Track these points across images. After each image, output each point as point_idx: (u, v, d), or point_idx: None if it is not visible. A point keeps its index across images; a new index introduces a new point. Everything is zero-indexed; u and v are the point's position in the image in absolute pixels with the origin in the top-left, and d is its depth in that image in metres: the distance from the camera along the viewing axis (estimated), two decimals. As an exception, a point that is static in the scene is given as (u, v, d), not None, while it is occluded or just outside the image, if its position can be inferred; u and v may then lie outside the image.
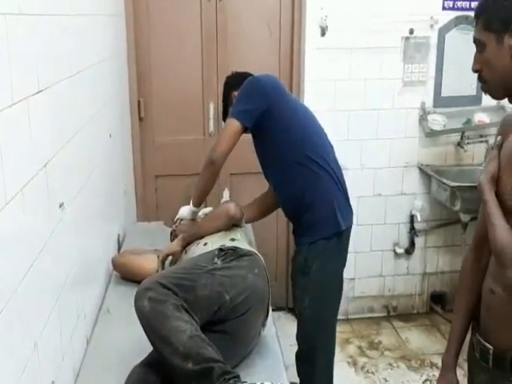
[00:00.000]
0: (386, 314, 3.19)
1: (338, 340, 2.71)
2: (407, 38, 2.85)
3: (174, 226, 2.11)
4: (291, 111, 1.96)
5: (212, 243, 1.77)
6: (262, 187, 2.24)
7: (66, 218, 1.42)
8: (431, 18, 2.83)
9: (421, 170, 3.01)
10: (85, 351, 1.60)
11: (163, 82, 2.87)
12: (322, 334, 2.03)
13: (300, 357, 2.09)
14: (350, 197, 2.05)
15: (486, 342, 1.19)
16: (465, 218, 2.84)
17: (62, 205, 1.39)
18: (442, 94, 2.93)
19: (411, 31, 2.84)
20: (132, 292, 1.46)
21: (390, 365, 2.74)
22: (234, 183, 2.97)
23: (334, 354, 2.12)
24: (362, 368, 2.72)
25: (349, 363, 2.75)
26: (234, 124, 1.88)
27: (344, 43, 2.80)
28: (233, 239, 1.78)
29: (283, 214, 2.12)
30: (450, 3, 2.85)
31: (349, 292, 3.06)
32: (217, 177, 1.98)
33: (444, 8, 2.85)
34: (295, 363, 2.10)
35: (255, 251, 1.70)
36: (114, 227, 2.30)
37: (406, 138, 2.97)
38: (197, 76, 2.89)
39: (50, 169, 1.28)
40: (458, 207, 2.76)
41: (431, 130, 2.91)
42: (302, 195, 1.93)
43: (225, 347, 1.40)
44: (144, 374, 1.35)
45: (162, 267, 1.88)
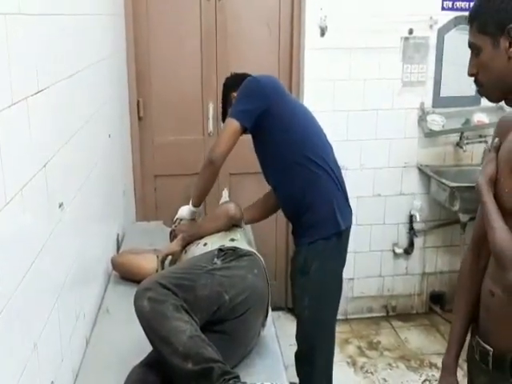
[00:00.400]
0: (385, 314, 3.19)
1: (337, 340, 2.71)
2: (406, 39, 2.85)
3: (173, 226, 2.11)
4: (290, 111, 1.96)
5: (212, 243, 1.77)
6: (261, 187, 2.24)
7: (65, 218, 1.42)
8: (430, 18, 2.84)
9: (420, 170, 3.01)
10: (84, 351, 1.60)
11: (162, 82, 2.87)
12: (321, 334, 2.03)
13: (299, 357, 2.09)
14: (350, 197, 2.05)
15: (485, 343, 1.18)
16: (464, 218, 2.85)
17: (61, 205, 1.39)
18: (441, 95, 2.93)
19: (410, 31, 2.84)
20: (131, 292, 1.46)
21: (390, 365, 2.74)
22: (234, 183, 2.97)
23: (333, 354, 2.13)
24: (362, 368, 2.72)
25: (348, 363, 2.75)
26: (233, 124, 1.88)
27: (343, 43, 2.80)
28: (232, 239, 1.78)
29: (282, 214, 2.12)
30: (450, 3, 2.86)
31: (348, 292, 3.06)
32: (216, 177, 1.99)
33: (443, 8, 2.85)
34: (294, 363, 2.10)
35: (255, 251, 1.70)
36: (113, 227, 2.30)
37: (406, 139, 2.98)
38: (196, 76, 2.89)
39: (49, 169, 1.28)
40: (457, 207, 2.76)
41: (430, 130, 2.91)
42: (301, 195, 1.93)
43: (224, 347, 1.40)
44: (144, 374, 1.35)
45: (162, 267, 1.88)
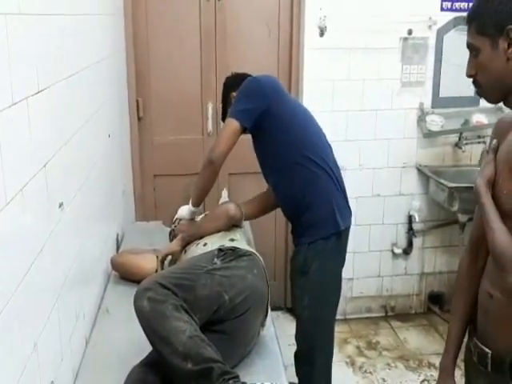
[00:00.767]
0: (383, 314, 3.19)
1: (336, 340, 2.70)
2: (406, 39, 2.85)
3: (173, 226, 2.11)
4: (290, 112, 1.96)
5: (211, 243, 1.77)
6: (260, 187, 2.24)
7: (65, 218, 1.42)
8: (430, 18, 2.84)
9: (419, 170, 3.02)
10: (84, 351, 1.60)
11: (162, 82, 2.87)
12: (320, 334, 2.03)
13: (299, 357, 2.09)
14: (349, 197, 2.05)
15: (483, 345, 1.18)
16: (463, 218, 2.85)
17: (61, 205, 1.39)
18: (440, 95, 2.93)
19: (410, 32, 2.84)
20: (131, 292, 1.46)
21: (388, 365, 2.74)
22: (233, 183, 2.97)
23: (332, 354, 2.13)
24: (360, 368, 2.72)
25: (347, 363, 2.75)
26: (233, 124, 1.88)
27: (343, 43, 2.80)
28: (232, 239, 1.79)
29: (282, 213, 2.13)
30: (449, 4, 2.86)
31: (347, 292, 3.06)
32: (216, 177, 1.98)
33: (442, 9, 2.86)
34: (294, 363, 2.10)
35: (254, 251, 1.70)
36: (112, 227, 2.30)
37: (405, 139, 2.98)
38: (195, 76, 2.89)
39: (49, 169, 1.28)
40: (455, 208, 2.77)
41: (429, 130, 2.91)
42: (301, 195, 1.93)
43: (224, 347, 1.40)
44: (143, 374, 1.35)
45: (162, 267, 1.89)
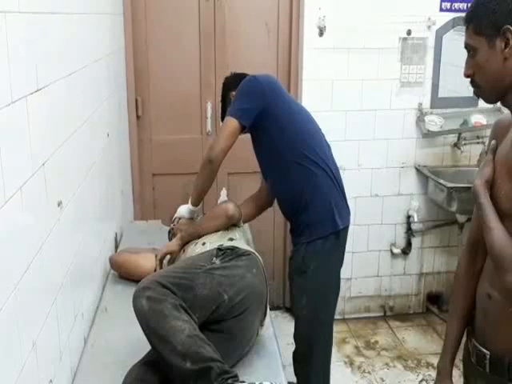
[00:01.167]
0: (382, 314, 3.20)
1: (335, 340, 2.71)
2: (405, 39, 2.86)
3: (172, 225, 2.11)
4: (289, 111, 1.96)
5: (210, 243, 1.77)
6: (259, 187, 2.23)
7: (63, 217, 1.41)
8: (429, 19, 2.84)
9: (418, 170, 3.02)
10: (82, 350, 1.60)
11: (161, 81, 2.87)
12: (319, 334, 2.03)
13: (297, 356, 2.09)
14: (348, 197, 2.06)
15: (482, 346, 1.18)
16: (461, 218, 2.86)
17: (60, 203, 1.39)
18: (439, 95, 2.94)
19: (409, 32, 2.85)
20: (129, 291, 1.46)
21: (387, 364, 2.75)
22: (232, 183, 2.97)
23: (331, 354, 2.13)
24: (359, 368, 2.72)
25: (345, 363, 2.75)
26: (231, 122, 1.88)
27: (342, 43, 2.80)
28: (231, 239, 1.79)
29: (281, 213, 2.12)
30: (448, 4, 2.86)
31: (345, 292, 3.07)
32: (215, 175, 1.98)
33: (441, 9, 2.86)
34: (292, 363, 2.10)
35: (253, 251, 1.70)
36: (111, 226, 2.29)
37: (403, 139, 2.98)
38: (194, 75, 2.89)
39: (48, 167, 1.28)
40: (454, 208, 2.77)
41: (428, 130, 2.92)
42: (299, 194, 1.93)
43: (223, 346, 1.40)
44: (142, 373, 1.35)
45: (160, 266, 1.88)
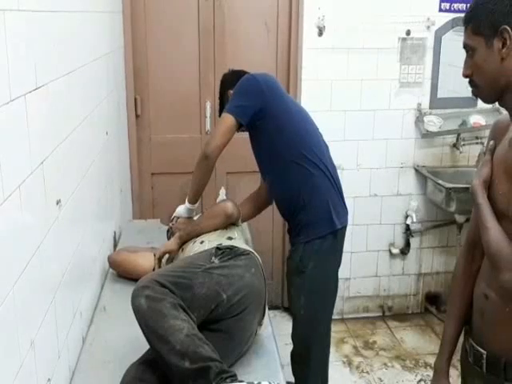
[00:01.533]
0: (381, 314, 3.20)
1: (333, 340, 2.71)
2: (404, 39, 2.86)
3: (170, 224, 2.11)
4: (287, 110, 1.95)
5: (209, 241, 1.77)
6: (258, 186, 2.23)
7: (62, 216, 1.41)
8: (428, 19, 2.84)
9: (416, 170, 3.02)
10: (81, 349, 1.59)
11: (160, 80, 2.87)
12: (317, 334, 2.03)
13: (295, 356, 2.09)
14: (346, 197, 2.06)
15: (479, 346, 1.18)
16: (460, 219, 2.86)
17: (58, 202, 1.38)
18: (438, 96, 2.94)
19: (408, 32, 2.85)
20: (128, 290, 1.46)
21: (385, 364, 2.75)
22: (231, 182, 2.97)
23: (329, 354, 2.13)
24: (357, 368, 2.72)
25: (344, 363, 2.75)
26: (228, 119, 1.87)
27: (341, 43, 2.80)
28: (230, 238, 1.79)
29: (279, 213, 2.12)
30: (447, 5, 2.87)
31: (344, 292, 3.07)
32: (211, 171, 1.97)
33: (441, 10, 2.86)
34: (290, 362, 2.10)
35: (252, 250, 1.70)
36: (109, 225, 2.29)
37: (402, 139, 2.98)
38: (194, 74, 2.89)
39: (47, 166, 1.27)
40: (453, 208, 2.77)
41: (427, 131, 2.92)
42: (297, 194, 1.93)
43: (221, 346, 1.40)
44: (140, 372, 1.35)
45: (159, 265, 1.88)
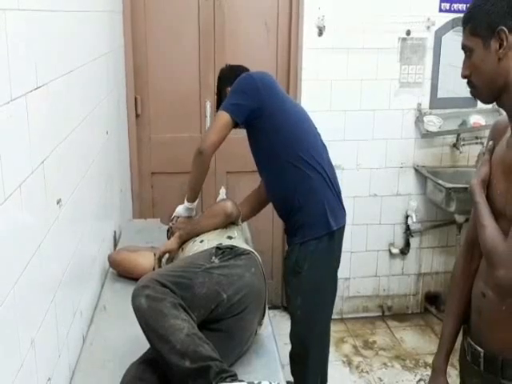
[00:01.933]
0: (380, 314, 3.20)
1: (333, 339, 2.72)
2: (404, 39, 2.86)
3: (170, 224, 2.11)
4: (284, 109, 1.94)
5: (208, 241, 1.77)
6: (258, 184, 2.23)
7: (62, 215, 1.41)
8: (428, 19, 2.84)
9: (416, 170, 3.02)
10: (81, 348, 1.59)
11: (160, 80, 2.87)
12: (314, 334, 2.02)
13: (293, 356, 2.09)
14: (346, 197, 2.05)
15: (477, 345, 1.20)
16: (460, 219, 2.86)
17: (59, 201, 1.39)
18: (438, 96, 2.94)
19: (408, 32, 2.85)
20: (128, 289, 1.46)
21: (385, 364, 2.75)
22: (231, 181, 2.97)
23: (328, 354, 2.12)
24: (357, 367, 2.72)
25: (344, 362, 2.75)
26: (223, 116, 1.87)
27: (341, 43, 2.80)
28: (230, 237, 1.79)
29: (277, 212, 2.12)
30: (447, 5, 2.87)
31: (344, 291, 3.07)
32: (207, 169, 1.96)
33: (441, 10, 2.86)
34: (289, 362, 2.10)
35: (252, 250, 1.70)
36: (109, 224, 2.29)
37: (402, 139, 2.99)
38: (194, 74, 2.89)
39: (47, 165, 1.27)
40: (453, 208, 2.78)
41: (427, 131, 2.92)
42: (292, 195, 1.92)
43: (221, 345, 1.40)
44: (141, 372, 1.35)
45: (159, 265, 1.89)
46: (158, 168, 2.97)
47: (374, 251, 3.11)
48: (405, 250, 3.12)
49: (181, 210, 2.08)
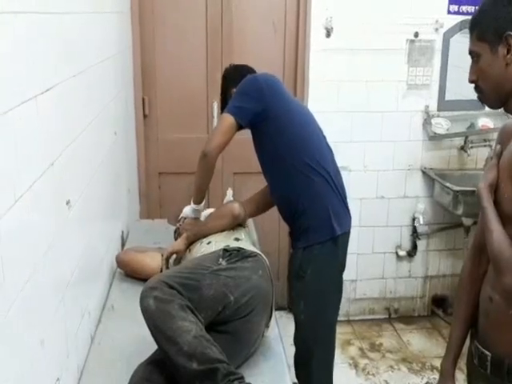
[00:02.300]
0: (387, 316, 3.19)
1: (340, 341, 2.72)
2: (412, 41, 2.85)
3: (177, 224, 2.11)
4: (288, 112, 1.92)
5: (216, 242, 1.77)
6: (265, 185, 2.23)
7: (71, 216, 1.42)
8: (436, 21, 2.84)
9: (424, 173, 3.01)
10: (89, 348, 1.60)
11: (168, 80, 2.88)
12: (318, 338, 1.99)
13: (298, 359, 2.07)
14: (353, 198, 2.04)
15: (484, 348, 1.19)
16: (467, 221, 2.85)
17: (68, 202, 1.39)
18: (446, 98, 2.93)
19: (416, 34, 2.84)
20: (136, 289, 1.47)
21: (391, 367, 2.74)
22: (238, 182, 2.97)
23: (333, 357, 2.09)
24: (363, 370, 2.71)
25: (350, 365, 2.75)
26: (227, 119, 1.86)
27: (349, 44, 2.80)
28: (237, 239, 1.79)
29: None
30: (455, 7, 2.86)
31: (350, 293, 3.06)
32: (212, 171, 1.95)
33: (449, 12, 2.85)
34: (294, 365, 2.09)
35: (259, 252, 1.70)
36: (117, 224, 2.30)
37: (410, 141, 2.98)
38: (201, 74, 2.89)
39: (57, 167, 1.28)
40: (460, 211, 2.76)
41: (435, 133, 2.91)
42: (296, 199, 1.90)
43: (228, 347, 1.40)
44: (148, 373, 1.35)
45: (167, 265, 1.89)
46: (165, 168, 2.98)
47: (380, 253, 3.11)
48: (412, 253, 3.11)
49: (188, 211, 2.08)
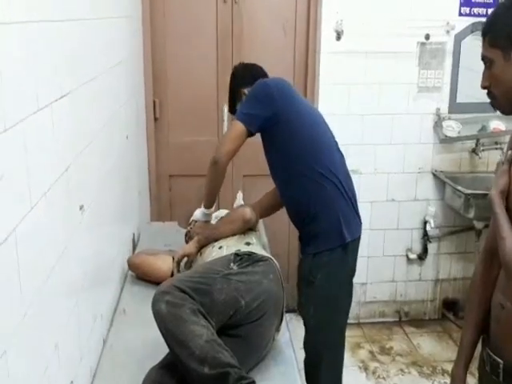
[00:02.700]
0: (397, 320, 3.18)
1: (350, 344, 2.72)
2: (423, 44, 2.84)
3: (188, 228, 2.13)
4: (299, 116, 1.90)
5: (227, 247, 1.78)
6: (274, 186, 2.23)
7: (85, 220, 1.44)
8: (447, 23, 2.82)
9: (435, 176, 3.00)
10: (101, 351, 1.62)
11: (178, 83, 2.90)
12: (328, 343, 1.98)
13: (307, 364, 2.07)
14: (363, 201, 2.03)
15: (496, 355, 1.18)
16: (478, 225, 2.83)
17: (81, 207, 1.41)
18: (458, 101, 2.91)
19: (427, 36, 2.83)
20: (147, 292, 1.48)
21: (402, 370, 2.73)
22: (248, 185, 2.98)
23: (342, 362, 2.09)
24: (374, 373, 2.71)
25: (360, 368, 2.74)
26: (238, 126, 1.86)
27: (359, 47, 2.80)
28: (248, 243, 1.80)
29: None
30: (467, 9, 2.84)
31: (360, 296, 3.06)
32: (223, 177, 1.95)
33: (460, 14, 2.84)
34: (303, 369, 2.09)
35: (270, 256, 1.71)
36: (128, 227, 2.32)
37: (421, 144, 2.96)
38: (212, 77, 2.91)
39: (71, 172, 1.30)
40: (471, 214, 2.74)
41: (446, 136, 2.89)
42: (306, 206, 1.89)
43: (239, 352, 1.40)
44: (160, 377, 1.37)
45: (178, 268, 1.90)
46: (175, 171, 2.99)
47: (391, 256, 3.09)
48: (422, 256, 3.10)
49: (198, 214, 2.09)
